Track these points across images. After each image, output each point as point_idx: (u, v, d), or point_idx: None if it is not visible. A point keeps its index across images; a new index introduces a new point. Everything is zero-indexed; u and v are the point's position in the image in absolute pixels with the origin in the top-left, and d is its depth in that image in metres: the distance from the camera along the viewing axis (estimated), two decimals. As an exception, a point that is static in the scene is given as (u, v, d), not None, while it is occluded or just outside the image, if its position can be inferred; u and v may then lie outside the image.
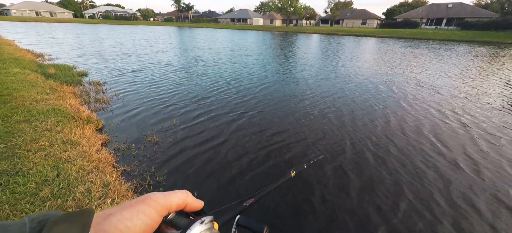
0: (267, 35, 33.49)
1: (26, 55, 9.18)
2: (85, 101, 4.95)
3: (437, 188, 2.75)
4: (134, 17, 79.43)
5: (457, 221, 2.32)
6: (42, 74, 6.32)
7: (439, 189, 2.74)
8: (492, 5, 46.40)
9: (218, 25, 60.87)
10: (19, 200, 1.92)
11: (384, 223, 2.27)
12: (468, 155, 3.48)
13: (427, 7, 51.10)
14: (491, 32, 32.90)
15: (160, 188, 2.58)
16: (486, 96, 6.38)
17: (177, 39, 22.52)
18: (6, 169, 2.26)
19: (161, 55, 12.09)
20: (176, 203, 0.37)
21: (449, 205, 2.51)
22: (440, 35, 31.54)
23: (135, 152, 3.24)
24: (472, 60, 12.91)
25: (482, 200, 2.59)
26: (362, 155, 3.39)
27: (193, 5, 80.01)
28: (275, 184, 1.38)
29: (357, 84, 7.42)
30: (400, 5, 65.42)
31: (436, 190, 2.72)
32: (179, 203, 0.38)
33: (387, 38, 32.13)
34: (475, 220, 2.33)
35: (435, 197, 2.61)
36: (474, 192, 2.71)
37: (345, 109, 5.16)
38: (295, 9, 62.89)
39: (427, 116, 4.92)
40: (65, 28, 30.85)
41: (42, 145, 2.75)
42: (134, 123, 4.18)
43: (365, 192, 2.67)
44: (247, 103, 5.44)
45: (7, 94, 4.22)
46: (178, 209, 0.38)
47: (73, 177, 2.28)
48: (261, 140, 3.76)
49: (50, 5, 75.91)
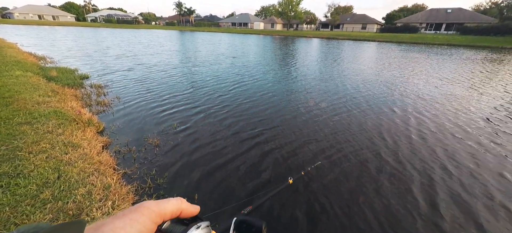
0: (268, 39, 33.69)
1: (28, 58, 9.25)
2: (86, 104, 4.96)
3: (441, 198, 2.69)
4: (136, 21, 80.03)
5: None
6: (44, 77, 6.36)
7: (442, 199, 2.68)
8: (491, 10, 46.73)
9: (219, 29, 61.28)
10: (20, 202, 1.92)
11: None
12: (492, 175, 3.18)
13: (427, 12, 51.45)
14: (490, 37, 33.07)
15: (161, 190, 2.58)
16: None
17: (179, 43, 22.66)
18: (7, 171, 2.26)
19: (163, 59, 12.15)
20: (171, 210, 0.36)
21: (452, 218, 2.45)
22: (439, 40, 31.71)
23: (136, 154, 3.25)
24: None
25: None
26: (361, 162, 3.33)
27: (194, 9, 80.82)
28: (273, 191, 1.37)
29: (357, 89, 7.31)
30: (400, 10, 65.98)
31: (440, 201, 2.63)
32: (173, 210, 0.37)
33: (387, 42, 32.32)
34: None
35: (439, 209, 2.51)
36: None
37: (344, 115, 5.10)
38: (295, 13, 63.38)
39: (433, 121, 4.88)
40: (67, 32, 31.08)
41: (43, 147, 2.76)
42: (135, 126, 4.19)
43: (365, 200, 2.62)
44: (247, 108, 5.45)
45: (9, 96, 4.25)
46: (173, 217, 0.37)
47: (74, 179, 2.29)
48: (260, 145, 3.76)
49: (53, 8, 76.62)
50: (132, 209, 0.34)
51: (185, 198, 0.40)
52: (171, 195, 2.53)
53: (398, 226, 2.30)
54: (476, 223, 2.36)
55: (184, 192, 2.57)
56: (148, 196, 2.47)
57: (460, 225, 2.33)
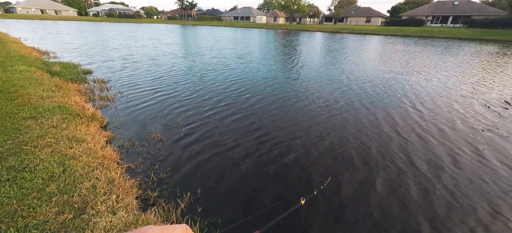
0: (270, 33, 33.34)
1: (31, 53, 9.30)
2: (89, 99, 5.00)
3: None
4: (138, 15, 79.66)
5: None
6: (48, 72, 6.39)
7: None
8: (500, 2, 45.49)
9: (221, 23, 60.77)
10: (27, 195, 1.96)
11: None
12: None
13: (433, 4, 50.22)
14: (497, 30, 32.30)
15: (164, 185, 2.61)
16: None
17: (181, 37, 22.56)
18: (14, 165, 2.30)
19: (166, 54, 12.13)
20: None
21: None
22: (446, 33, 31.05)
23: (139, 149, 3.28)
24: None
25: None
26: (383, 181, 2.86)
27: (196, 3, 79.90)
28: (284, 214, 1.30)
29: (369, 94, 6.22)
30: (405, 3, 64.53)
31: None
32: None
33: (393, 36, 31.76)
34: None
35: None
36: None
37: (360, 126, 4.31)
38: (298, 6, 62.45)
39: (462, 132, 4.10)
40: (70, 26, 31.11)
41: (48, 141, 2.79)
42: (138, 120, 4.22)
43: (387, 222, 2.29)
44: (250, 104, 5.44)
45: (14, 91, 4.29)
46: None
47: (78, 173, 2.32)
48: (269, 149, 3.75)
49: (55, 3, 76.45)
50: (136, 232, 0.34)
51: (189, 224, 0.39)
52: (174, 190, 2.55)
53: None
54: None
55: (186, 187, 2.60)
56: (151, 190, 2.50)
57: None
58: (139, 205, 2.25)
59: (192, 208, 2.33)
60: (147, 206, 2.30)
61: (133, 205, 2.13)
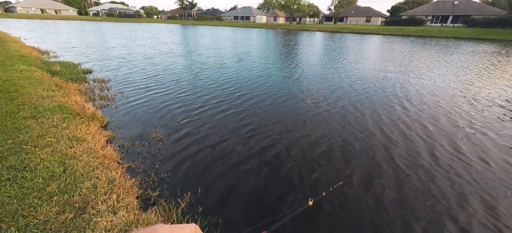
0: (270, 33, 33.30)
1: (31, 52, 9.29)
2: (90, 98, 5.00)
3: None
4: (138, 15, 79.57)
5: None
6: (48, 71, 6.39)
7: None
8: (499, 2, 45.45)
9: (221, 23, 60.70)
10: (27, 195, 1.96)
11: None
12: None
13: (433, 4, 50.14)
14: (497, 29, 32.29)
15: (164, 184, 2.61)
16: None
17: (181, 37, 22.54)
18: (14, 164, 2.30)
19: (166, 54, 12.11)
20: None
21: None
22: (446, 32, 31.04)
23: (140, 148, 3.28)
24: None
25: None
26: (392, 183, 2.82)
27: (196, 3, 79.78)
28: (292, 214, 1.30)
29: (380, 96, 6.03)
30: (405, 2, 64.44)
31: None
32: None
33: (392, 36, 31.74)
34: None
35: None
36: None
37: (372, 128, 4.24)
38: (298, 6, 62.35)
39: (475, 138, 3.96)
40: (70, 25, 31.06)
41: (49, 141, 2.79)
42: (138, 120, 4.22)
43: (396, 226, 2.25)
44: (250, 104, 5.43)
45: (14, 91, 4.29)
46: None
47: (79, 172, 2.32)
48: (269, 145, 3.75)
49: (55, 2, 76.31)
50: (146, 231, 0.34)
51: (198, 224, 0.39)
52: (174, 189, 2.56)
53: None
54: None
55: (187, 187, 2.60)
56: (152, 189, 2.50)
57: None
58: (140, 205, 2.25)
59: (193, 208, 2.33)
60: (147, 205, 2.30)
61: (134, 205, 2.13)
